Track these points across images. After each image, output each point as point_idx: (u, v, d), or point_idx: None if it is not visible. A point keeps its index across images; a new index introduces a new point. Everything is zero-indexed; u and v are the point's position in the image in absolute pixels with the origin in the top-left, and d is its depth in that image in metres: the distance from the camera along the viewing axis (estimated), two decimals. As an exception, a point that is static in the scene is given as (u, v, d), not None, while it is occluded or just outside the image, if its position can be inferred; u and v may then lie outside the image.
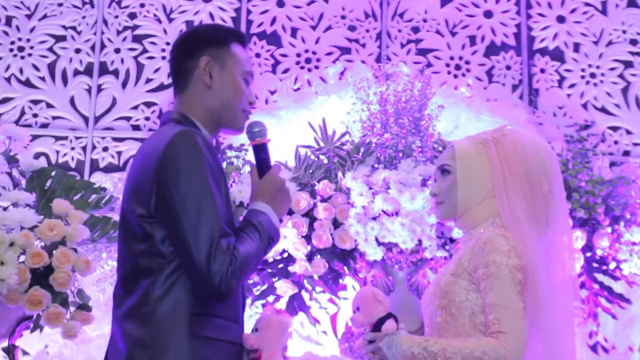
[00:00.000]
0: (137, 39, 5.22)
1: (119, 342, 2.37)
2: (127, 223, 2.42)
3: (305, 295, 4.23)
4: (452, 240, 4.08)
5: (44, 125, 5.07)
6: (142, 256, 2.37)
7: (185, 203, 2.30)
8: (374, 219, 4.08)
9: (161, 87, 5.11)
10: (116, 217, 3.69)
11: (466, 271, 2.55)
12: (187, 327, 2.31)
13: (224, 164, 4.19)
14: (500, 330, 2.41)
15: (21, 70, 5.14)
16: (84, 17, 5.23)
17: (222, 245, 2.28)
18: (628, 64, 5.22)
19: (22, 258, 3.18)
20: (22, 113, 5.08)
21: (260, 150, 2.62)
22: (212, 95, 2.55)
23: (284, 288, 4.16)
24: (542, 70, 5.20)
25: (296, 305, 4.18)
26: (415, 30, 5.25)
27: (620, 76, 5.20)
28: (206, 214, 2.29)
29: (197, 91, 2.56)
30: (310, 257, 4.15)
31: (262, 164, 2.61)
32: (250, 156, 4.28)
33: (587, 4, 5.30)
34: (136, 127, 5.07)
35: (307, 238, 4.13)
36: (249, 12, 5.27)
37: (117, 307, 2.42)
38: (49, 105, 5.10)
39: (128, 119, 5.09)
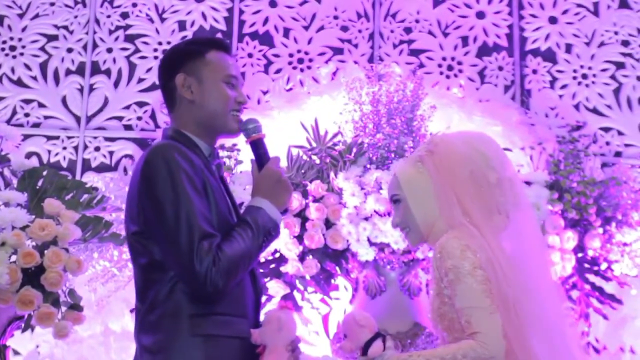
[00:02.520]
0: (129, 38, 5.21)
1: (138, 354, 2.49)
2: (130, 241, 2.52)
3: (297, 295, 4.23)
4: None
5: (36, 125, 5.06)
6: (146, 269, 2.46)
7: (163, 213, 2.38)
8: (366, 219, 4.09)
9: (153, 87, 5.10)
10: (108, 217, 3.69)
11: (441, 284, 2.56)
12: (187, 328, 2.38)
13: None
14: (474, 330, 2.42)
15: (13, 70, 5.13)
16: (76, 17, 5.22)
17: (204, 246, 2.34)
18: (620, 65, 5.23)
19: (14, 258, 3.17)
20: (14, 112, 5.07)
21: (258, 146, 2.64)
22: (197, 108, 2.60)
23: (276, 288, 4.16)
24: (534, 71, 5.21)
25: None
26: (408, 30, 5.26)
27: (612, 77, 5.21)
28: (184, 220, 2.35)
29: (184, 107, 2.62)
30: (302, 258, 4.15)
31: (261, 158, 2.63)
32: (244, 154, 4.32)
33: (579, 5, 5.31)
34: (128, 127, 5.06)
35: (299, 238, 4.13)
36: (241, 12, 5.27)
37: (135, 323, 2.53)
38: (41, 105, 5.09)
39: (120, 118, 5.08)
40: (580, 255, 4.34)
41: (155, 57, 5.16)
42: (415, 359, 2.46)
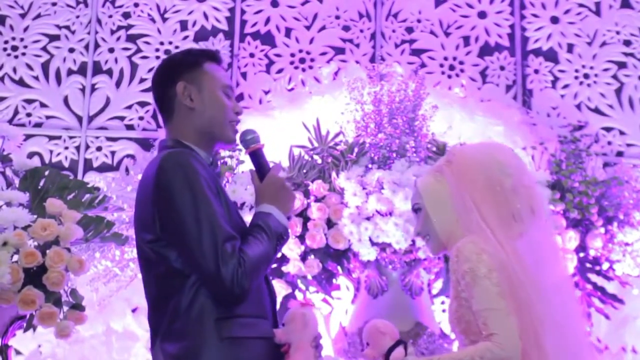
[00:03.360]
0: (131, 38, 5.21)
1: None
2: (142, 252, 2.53)
3: (298, 295, 4.23)
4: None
5: (38, 125, 5.06)
6: (164, 278, 2.47)
7: (183, 218, 2.39)
8: (368, 219, 4.09)
9: (155, 87, 5.10)
10: (109, 217, 3.69)
11: (459, 287, 2.58)
12: (214, 332, 2.40)
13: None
14: (491, 332, 2.46)
15: (15, 70, 5.13)
16: (77, 17, 5.22)
17: (227, 249, 2.36)
18: (621, 65, 5.23)
19: (16, 257, 3.17)
20: (16, 112, 5.07)
21: (257, 156, 2.68)
22: (197, 116, 2.63)
23: (278, 288, 4.16)
24: (536, 71, 5.21)
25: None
26: (409, 30, 5.25)
27: (614, 77, 5.21)
28: (205, 223, 2.38)
29: (183, 115, 2.64)
30: (304, 257, 4.15)
31: (261, 168, 2.66)
32: (246, 157, 4.31)
33: (581, 5, 5.31)
34: (130, 127, 5.07)
35: (301, 238, 4.13)
36: (243, 12, 5.27)
37: (154, 333, 2.52)
38: (43, 105, 5.10)
39: (122, 118, 5.09)
40: (582, 255, 4.34)
41: (157, 57, 5.16)
42: None
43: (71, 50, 5.18)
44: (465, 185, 2.68)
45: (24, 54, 5.17)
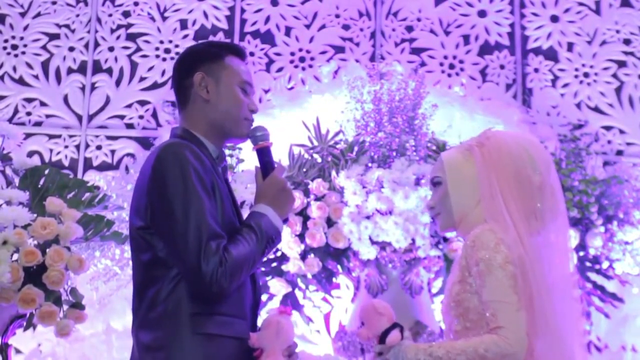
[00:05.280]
0: (131, 37, 5.21)
1: (136, 352, 2.48)
2: (133, 237, 2.53)
3: (298, 294, 4.23)
4: (445, 240, 4.09)
5: (38, 124, 5.07)
6: (148, 266, 2.47)
7: (172, 210, 2.39)
8: (368, 217, 4.09)
9: (155, 86, 5.11)
10: (109, 215, 3.70)
11: (467, 273, 2.57)
12: (188, 327, 2.40)
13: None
14: (498, 325, 2.43)
15: (15, 69, 5.14)
16: (77, 16, 5.22)
17: (211, 246, 2.36)
18: (621, 64, 5.22)
19: (15, 256, 3.17)
20: (16, 111, 5.07)
21: (264, 154, 2.67)
22: (211, 108, 2.62)
23: (278, 287, 4.16)
24: (536, 70, 5.21)
25: (289, 304, 4.18)
26: (409, 29, 5.25)
27: (614, 76, 5.20)
28: (193, 218, 2.38)
29: (197, 106, 2.64)
30: (303, 256, 4.15)
31: (266, 166, 2.65)
32: (246, 152, 4.32)
33: (581, 4, 5.30)
34: (130, 126, 5.07)
35: (301, 237, 4.13)
36: (243, 10, 5.27)
37: (134, 317, 2.52)
38: (43, 104, 5.10)
39: (122, 117, 5.09)
40: (581, 253, 4.34)
41: (157, 56, 5.17)
42: (436, 349, 2.46)
43: (71, 49, 5.18)
44: (494, 171, 2.64)
45: (23, 52, 5.17)
